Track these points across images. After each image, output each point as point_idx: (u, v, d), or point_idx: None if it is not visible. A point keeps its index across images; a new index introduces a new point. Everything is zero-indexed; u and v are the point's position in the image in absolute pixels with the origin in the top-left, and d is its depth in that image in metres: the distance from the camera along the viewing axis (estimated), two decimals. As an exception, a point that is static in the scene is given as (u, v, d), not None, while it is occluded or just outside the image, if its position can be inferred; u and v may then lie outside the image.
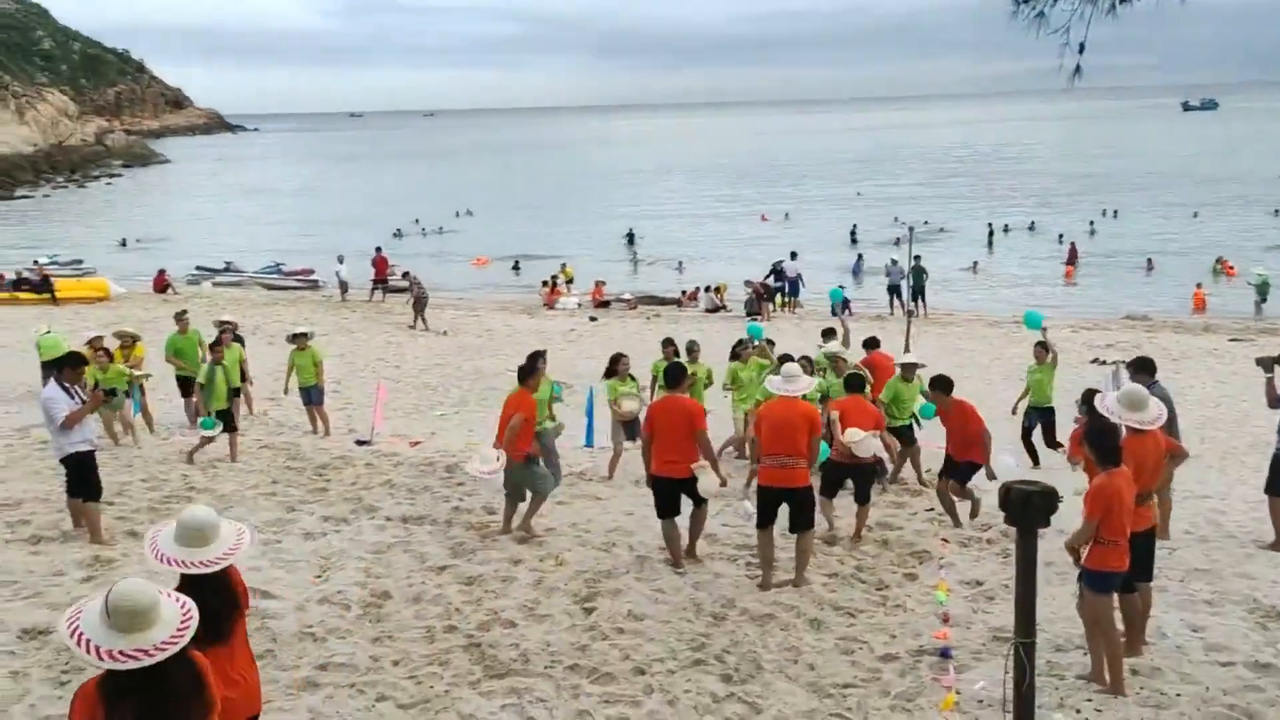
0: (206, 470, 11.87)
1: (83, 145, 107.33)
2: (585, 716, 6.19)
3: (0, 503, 10.21)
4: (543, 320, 28.12)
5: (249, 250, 43.26)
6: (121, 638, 3.56)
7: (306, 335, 14.80)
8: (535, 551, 9.12)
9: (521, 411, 9.60)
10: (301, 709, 6.24)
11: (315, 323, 24.75)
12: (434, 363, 21.32)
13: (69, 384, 9.16)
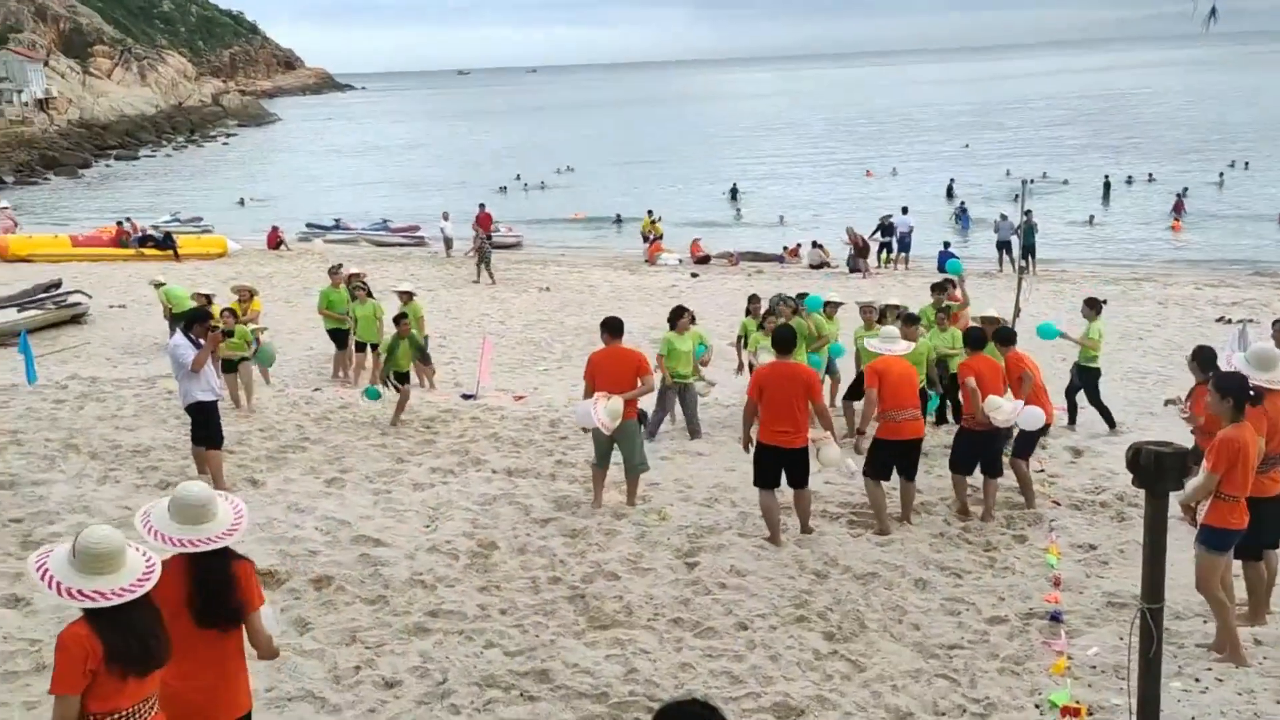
0: (320, 422, 12.24)
1: (201, 106, 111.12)
2: (688, 669, 6.24)
3: (131, 449, 10.72)
4: (644, 276, 28.09)
5: (357, 207, 44.23)
6: (85, 579, 3.76)
7: (410, 293, 15.07)
8: (638, 506, 9.18)
9: (645, 374, 9.21)
10: (413, 653, 6.44)
11: (420, 279, 25.23)
12: (537, 319, 21.52)
13: (196, 337, 9.53)
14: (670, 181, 52.91)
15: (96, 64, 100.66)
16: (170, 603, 4.13)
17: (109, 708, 3.79)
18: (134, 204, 48.51)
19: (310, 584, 7.41)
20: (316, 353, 17.73)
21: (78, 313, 20.82)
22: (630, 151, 70.40)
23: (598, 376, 8.99)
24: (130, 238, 31.19)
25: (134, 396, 13.18)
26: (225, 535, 4.30)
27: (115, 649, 3.75)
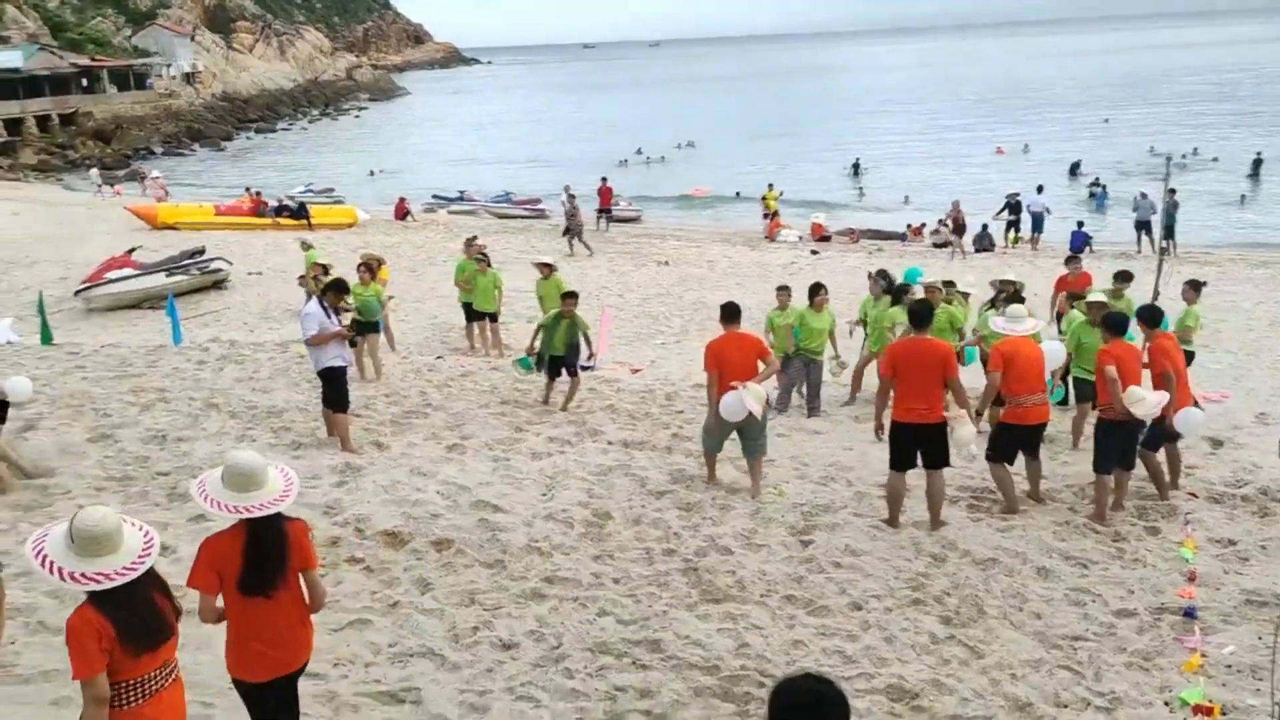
0: (442, 389, 12.54)
1: (335, 80, 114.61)
2: (800, 646, 6.21)
3: (266, 410, 11.19)
4: (764, 253, 27.87)
5: (481, 180, 45.03)
6: (85, 561, 3.80)
7: (552, 265, 15.25)
8: (736, 476, 9.14)
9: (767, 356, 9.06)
10: (529, 617, 6.57)
11: (540, 251, 25.57)
12: (656, 292, 21.59)
13: (329, 306, 9.89)
14: (793, 157, 52.23)
15: (239, 39, 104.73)
16: (233, 567, 4.35)
17: (126, 677, 3.90)
18: (271, 175, 50.47)
19: (431, 546, 7.62)
20: (440, 321, 18.19)
21: (219, 279, 21.84)
22: (753, 127, 69.71)
23: (723, 364, 8.77)
24: (266, 207, 32.46)
25: (268, 360, 13.72)
26: (277, 501, 4.43)
27: (125, 627, 3.83)
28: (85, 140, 64.04)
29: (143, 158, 61.81)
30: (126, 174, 50.98)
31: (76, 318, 19.16)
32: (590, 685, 5.79)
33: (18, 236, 28.49)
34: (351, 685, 5.76)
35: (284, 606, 4.49)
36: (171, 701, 4.09)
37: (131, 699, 3.92)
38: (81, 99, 67.53)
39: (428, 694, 5.68)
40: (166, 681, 4.05)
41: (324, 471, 9.14)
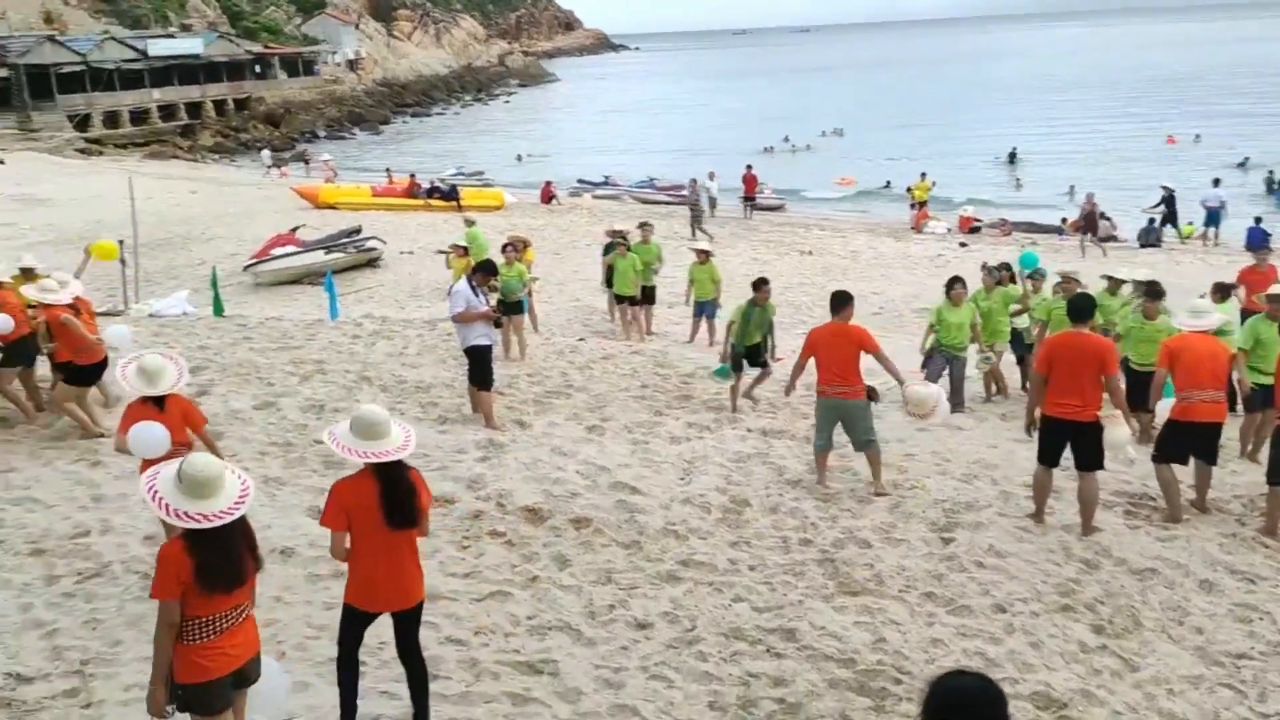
0: (584, 370, 12.71)
1: (487, 66, 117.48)
2: (940, 645, 6.06)
3: (414, 385, 11.57)
4: (909, 244, 27.24)
5: (626, 165, 45.40)
6: (189, 502, 4.20)
7: (708, 251, 15.29)
8: (892, 476, 8.96)
9: (870, 346, 8.64)
10: (664, 598, 6.61)
11: (683, 237, 25.59)
12: (798, 282, 21.36)
13: (478, 286, 10.14)
14: (944, 145, 50.77)
15: (399, 27, 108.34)
16: (365, 510, 4.83)
17: (200, 613, 4.28)
18: (424, 159, 52.08)
19: (570, 523, 7.75)
20: (582, 304, 18.45)
21: (373, 257, 22.71)
22: (904, 114, 68.11)
23: (817, 353, 8.60)
24: (419, 189, 33.52)
25: (417, 336, 14.18)
26: (399, 450, 4.91)
27: (204, 567, 4.21)
28: (256, 124, 67.50)
29: (308, 141, 64.74)
30: (292, 156, 53.46)
31: (245, 291, 20.23)
32: (724, 669, 5.79)
33: (195, 213, 30.23)
34: (492, 654, 5.92)
35: (406, 545, 4.97)
36: (243, 636, 4.46)
37: (199, 635, 4.30)
38: (254, 84, 71.15)
39: (564, 667, 5.79)
40: (236, 621, 4.42)
41: (468, 447, 9.39)
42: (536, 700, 5.50)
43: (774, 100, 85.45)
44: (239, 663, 4.43)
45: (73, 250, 24.13)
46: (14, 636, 6.00)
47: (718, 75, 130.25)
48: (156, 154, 55.18)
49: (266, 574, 6.61)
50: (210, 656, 4.32)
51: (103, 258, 12.03)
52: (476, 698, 5.50)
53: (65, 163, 46.44)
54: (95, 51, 58.98)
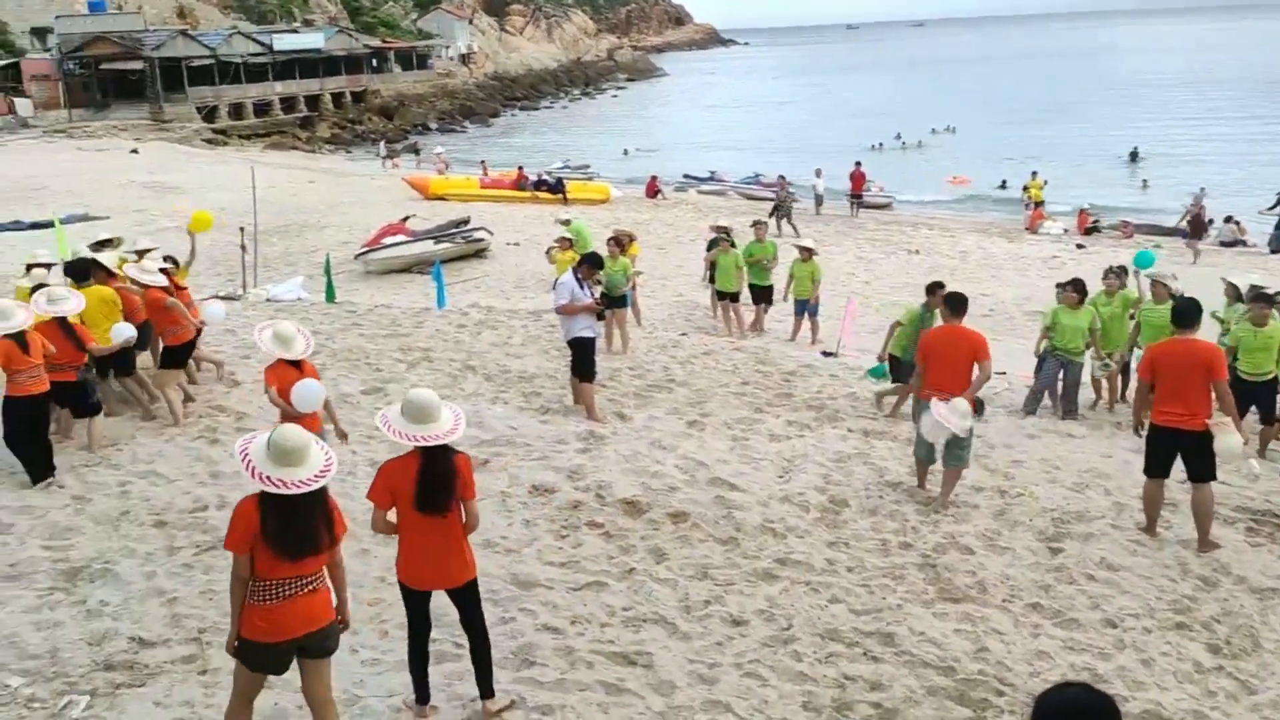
0: (685, 365, 12.70)
1: (596, 61, 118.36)
2: (1045, 658, 5.89)
3: (518, 374, 11.74)
4: (1022, 245, 26.46)
5: (732, 161, 45.18)
6: (274, 467, 4.41)
7: (812, 249, 15.18)
8: (999, 482, 8.74)
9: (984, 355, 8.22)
10: (760, 596, 6.58)
11: (786, 234, 25.36)
12: (904, 282, 20.96)
13: (583, 279, 10.23)
14: (1062, 144, 49.17)
15: (512, 22, 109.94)
16: (406, 491, 4.97)
17: (265, 575, 4.48)
18: (532, 152, 52.73)
19: (668, 517, 7.77)
20: (685, 299, 18.44)
21: (480, 247, 23.08)
22: (1019, 111, 66.22)
23: (930, 359, 8.24)
24: (527, 181, 33.95)
25: (522, 327, 14.37)
26: (446, 435, 5.00)
27: (268, 530, 4.42)
28: (371, 116, 69.24)
29: (419, 133, 66.15)
30: (404, 148, 54.70)
31: (356, 278, 20.78)
32: (819, 671, 5.74)
33: (311, 202, 31.19)
34: (587, 643, 5.98)
35: (446, 528, 5.07)
36: (304, 608, 4.57)
37: (260, 597, 4.50)
38: (371, 78, 72.98)
39: (658, 659, 5.81)
40: (301, 591, 4.55)
41: (569, 437, 9.49)
42: (630, 691, 5.54)
43: (885, 96, 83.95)
44: (296, 633, 4.56)
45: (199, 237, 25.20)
46: (138, 602, 6.30)
47: (828, 70, 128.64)
48: (277, 145, 57.10)
49: (371, 554, 6.83)
50: (266, 619, 4.51)
51: (201, 229, 12.44)
52: (571, 685, 5.56)
53: (193, 152, 48.42)
54: (224, 46, 61.31)
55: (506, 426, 9.73)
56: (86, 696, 5.34)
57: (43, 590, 6.48)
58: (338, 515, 4.67)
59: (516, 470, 8.60)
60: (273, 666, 4.65)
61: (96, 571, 6.72)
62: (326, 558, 4.64)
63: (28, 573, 6.71)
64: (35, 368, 8.07)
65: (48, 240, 16.66)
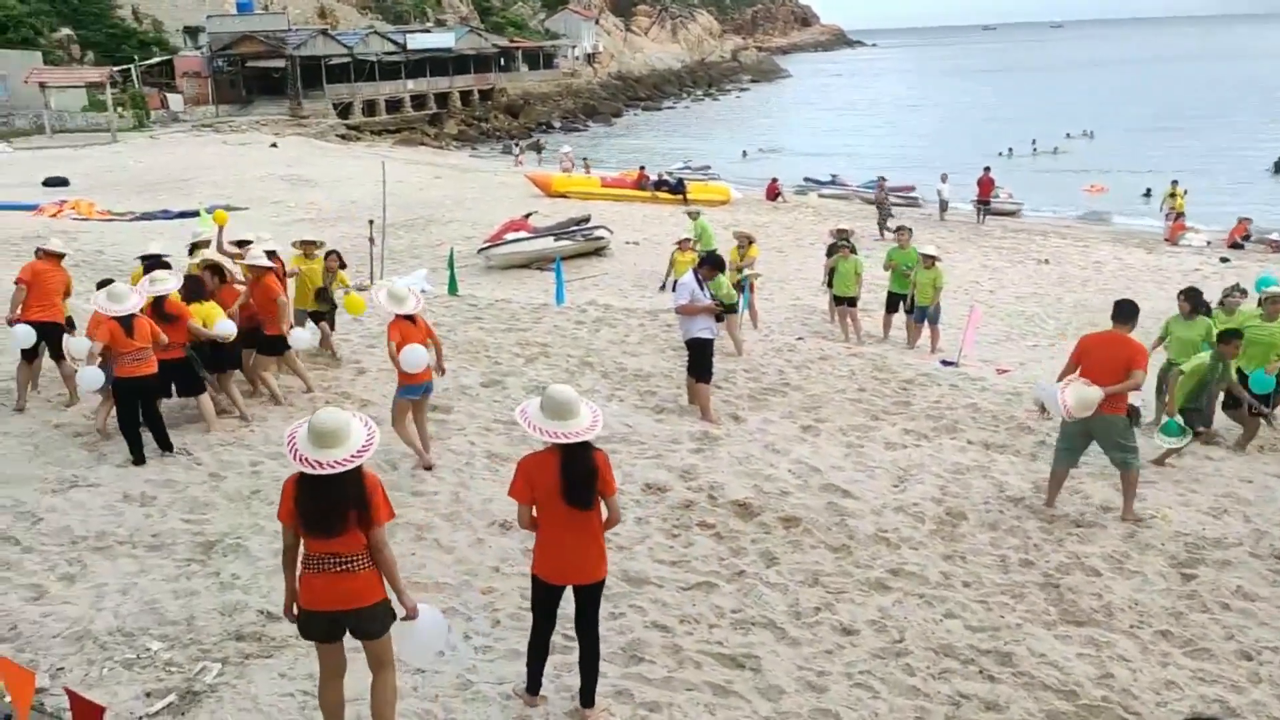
0: (800, 370, 12.59)
1: (720, 61, 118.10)
2: (1174, 688, 5.64)
3: (634, 373, 11.82)
4: (1161, 257, 25.34)
5: (854, 164, 44.55)
6: (311, 449, 4.59)
7: (935, 256, 14.88)
8: (1082, 506, 8.39)
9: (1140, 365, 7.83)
10: (871, 606, 6.48)
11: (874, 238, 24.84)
12: (1031, 291, 20.34)
13: (703, 279, 10.24)
14: (1207, 151, 46.92)
15: (637, 22, 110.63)
16: (546, 486, 5.05)
17: (306, 547, 4.72)
18: (653, 152, 52.97)
19: (780, 521, 7.72)
20: (802, 303, 18.27)
21: (600, 246, 23.28)
22: (1161, 116, 63.49)
23: (1083, 360, 8.01)
24: (647, 181, 34.13)
25: (639, 325, 14.46)
26: (585, 432, 5.05)
27: (300, 506, 4.65)
28: (497, 114, 70.64)
29: (543, 131, 67.17)
30: (528, 145, 55.63)
31: (477, 273, 21.21)
32: (932, 686, 5.62)
33: (436, 197, 31.98)
34: (695, 643, 5.99)
35: (584, 524, 5.13)
36: (337, 586, 4.68)
37: (304, 567, 4.75)
38: (498, 76, 74.47)
39: (766, 664, 5.78)
40: (334, 569, 4.68)
41: (683, 437, 9.51)
42: (737, 694, 5.52)
43: (1017, 99, 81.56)
44: (328, 607, 4.70)
45: (330, 227, 26.15)
46: (266, 577, 6.58)
47: (959, 72, 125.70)
48: (406, 141, 58.75)
49: (486, 545, 6.97)
50: (304, 587, 4.76)
51: (216, 222, 13.03)
52: (679, 684, 5.58)
53: (327, 147, 50.21)
54: (360, 45, 63.42)
55: (621, 424, 9.81)
56: (219, 664, 5.61)
57: (181, 561, 6.83)
58: (377, 500, 4.70)
59: (630, 468, 8.66)
60: (314, 634, 4.81)
61: (229, 546, 7.04)
62: (363, 540, 4.68)
63: (168, 544, 7.08)
64: (140, 350, 8.41)
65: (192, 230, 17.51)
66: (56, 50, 57.04)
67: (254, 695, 5.35)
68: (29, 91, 48.99)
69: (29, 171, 34.37)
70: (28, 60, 51.71)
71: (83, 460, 8.53)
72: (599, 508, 5.17)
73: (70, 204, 27.34)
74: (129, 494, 7.88)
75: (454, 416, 9.93)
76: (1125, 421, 8.06)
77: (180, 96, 58.45)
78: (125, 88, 54.85)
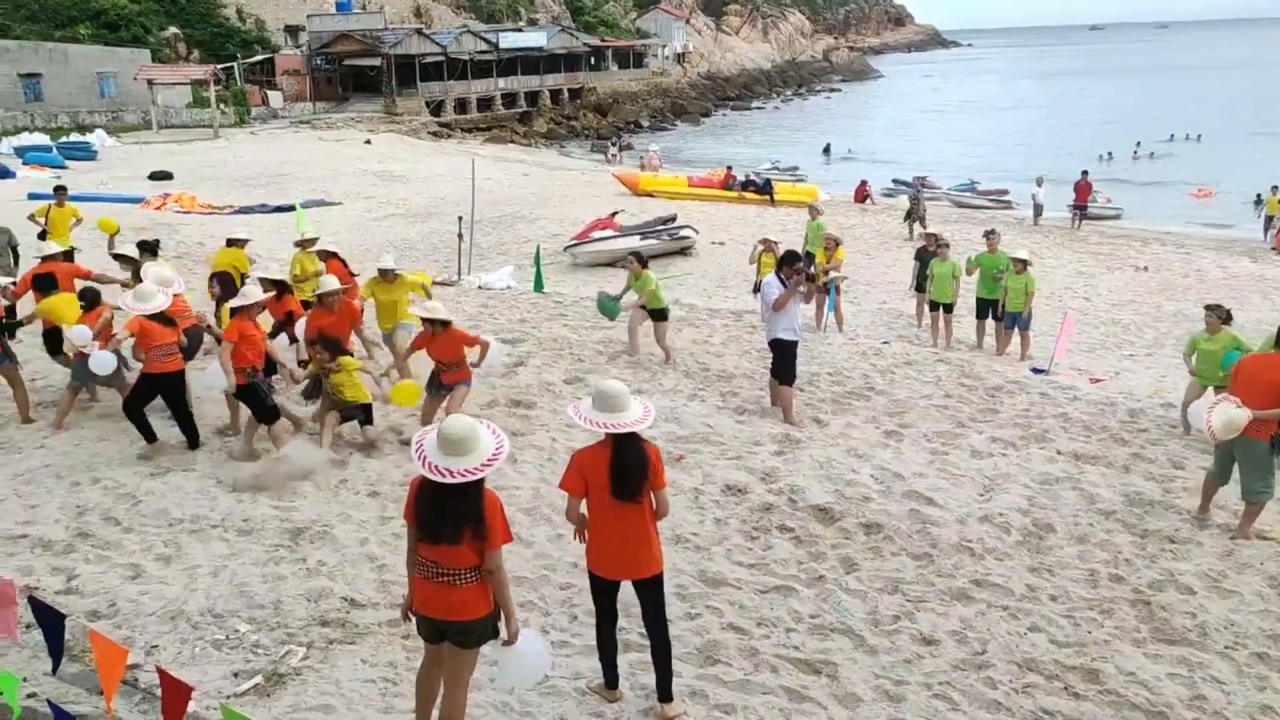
0: (885, 374, 12.40)
1: (811, 61, 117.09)
2: (1270, 713, 5.43)
3: (717, 373, 11.78)
4: (1268, 266, 24.35)
5: (947, 166, 43.74)
6: (440, 456, 4.52)
7: (1027, 261, 14.55)
8: (1228, 519, 8.09)
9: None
10: (954, 617, 6.36)
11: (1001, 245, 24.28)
12: (1128, 299, 19.74)
13: (786, 278, 10.16)
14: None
15: (728, 22, 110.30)
16: (598, 479, 5.13)
17: (417, 551, 4.68)
18: (741, 152, 52.76)
19: (860, 527, 7.63)
20: (888, 307, 18.02)
21: (686, 245, 23.28)
22: (1272, 120, 60.97)
23: (1235, 382, 7.79)
24: (735, 182, 34.01)
25: (723, 326, 14.42)
26: (636, 423, 5.14)
27: (417, 512, 4.62)
28: (586, 113, 71.12)
29: (632, 131, 67.41)
30: (623, 146, 55.89)
31: (563, 270, 21.40)
32: (1015, 701, 5.50)
33: (524, 194, 32.36)
34: (772, 646, 5.96)
35: (636, 517, 5.18)
36: (438, 595, 4.66)
37: (416, 569, 4.72)
38: (588, 75, 74.99)
39: (843, 671, 5.72)
40: (439, 577, 4.64)
41: (764, 439, 9.46)
42: (812, 700, 5.48)
43: (1121, 101, 79.16)
44: (430, 613, 4.72)
45: (419, 223, 26.64)
46: (351, 565, 6.74)
47: (1057, 74, 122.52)
48: (495, 138, 59.52)
49: (565, 540, 7.02)
50: (414, 587, 4.77)
51: (104, 230, 13.43)
52: (754, 687, 5.56)
53: (419, 144, 51.17)
54: (453, 44, 64.45)
55: (703, 424, 9.80)
56: (304, 648, 5.76)
57: (270, 546, 7.04)
58: (495, 521, 4.62)
59: (711, 468, 8.65)
60: (421, 632, 4.87)
61: (316, 533, 7.23)
62: (472, 557, 4.60)
63: (258, 529, 7.30)
64: (168, 346, 8.65)
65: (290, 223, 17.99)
66: (164, 48, 59.16)
67: (336, 680, 5.48)
68: (137, 88, 50.92)
69: (136, 165, 35.76)
70: (137, 58, 53.74)
71: (176, 447, 8.83)
72: (649, 501, 5.20)
73: (174, 197, 28.35)
74: (223, 479, 8.14)
75: (536, 412, 10.03)
76: (1269, 449, 7.68)
77: (280, 94, 60.14)
78: (228, 85, 56.70)
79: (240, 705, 5.08)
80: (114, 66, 53.00)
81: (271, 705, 5.24)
